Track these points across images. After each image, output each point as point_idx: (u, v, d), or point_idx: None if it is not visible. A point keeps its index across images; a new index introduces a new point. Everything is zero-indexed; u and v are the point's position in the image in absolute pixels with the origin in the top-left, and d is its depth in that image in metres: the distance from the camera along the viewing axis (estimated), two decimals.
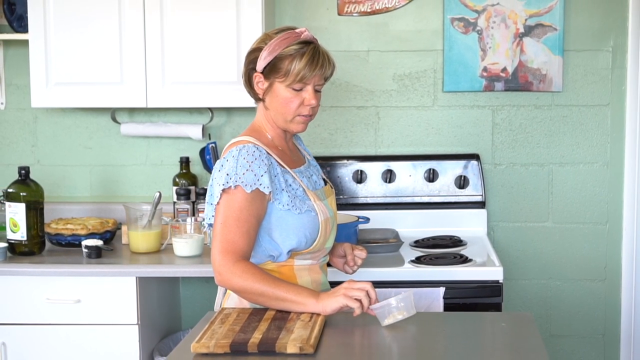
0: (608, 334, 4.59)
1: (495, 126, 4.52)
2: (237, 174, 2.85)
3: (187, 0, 4.13)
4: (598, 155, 4.50)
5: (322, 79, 2.98)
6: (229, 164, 2.88)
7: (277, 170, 2.92)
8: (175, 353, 2.61)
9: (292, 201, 2.92)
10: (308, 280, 2.99)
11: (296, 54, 2.91)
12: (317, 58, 2.93)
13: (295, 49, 2.91)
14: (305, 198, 2.96)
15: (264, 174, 2.86)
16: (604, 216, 4.54)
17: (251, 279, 2.81)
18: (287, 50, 2.91)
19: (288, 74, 2.91)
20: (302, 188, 2.97)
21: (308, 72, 2.91)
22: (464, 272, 3.80)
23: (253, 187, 2.84)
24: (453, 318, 3.07)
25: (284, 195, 2.91)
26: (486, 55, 4.44)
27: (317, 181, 3.11)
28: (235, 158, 2.88)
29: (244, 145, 2.90)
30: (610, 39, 4.45)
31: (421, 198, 4.47)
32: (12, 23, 4.46)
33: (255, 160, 2.87)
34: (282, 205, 2.90)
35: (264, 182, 2.85)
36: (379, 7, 4.48)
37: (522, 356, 2.57)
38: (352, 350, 2.64)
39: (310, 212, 2.94)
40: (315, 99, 2.95)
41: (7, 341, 3.91)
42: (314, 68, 2.92)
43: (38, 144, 4.68)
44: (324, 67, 2.95)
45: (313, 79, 2.94)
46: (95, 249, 3.97)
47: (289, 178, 2.95)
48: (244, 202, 2.85)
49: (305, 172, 3.07)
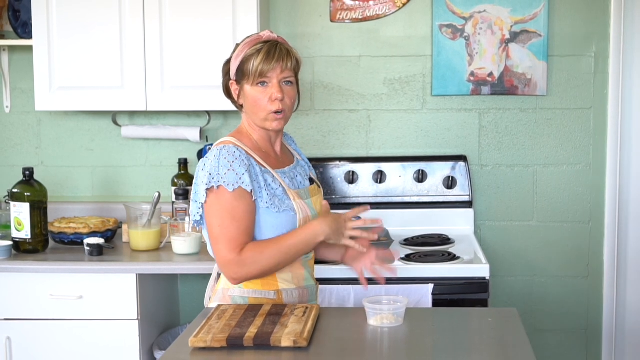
0: (590, 329, 4.60)
1: (482, 129, 4.52)
2: (219, 173, 2.86)
3: (186, 8, 4.13)
4: (581, 156, 4.51)
5: (289, 71, 2.97)
6: (211, 164, 2.89)
7: (256, 170, 2.92)
8: (174, 347, 2.61)
9: (271, 200, 2.92)
10: (289, 275, 2.99)
11: (255, 53, 2.94)
12: (274, 52, 2.94)
13: (256, 49, 2.95)
14: (284, 197, 2.95)
15: (244, 173, 2.87)
16: (586, 215, 4.55)
17: (259, 258, 2.86)
18: (248, 52, 2.96)
19: (250, 73, 2.95)
20: (283, 188, 2.97)
21: (265, 66, 2.92)
22: (451, 269, 3.81)
23: (235, 186, 2.85)
24: (441, 314, 3.08)
25: (263, 194, 2.91)
26: (473, 61, 4.45)
27: (302, 181, 3.10)
28: (216, 158, 2.89)
29: (225, 146, 2.92)
30: (593, 44, 4.46)
31: (411, 198, 4.48)
32: (17, 29, 4.46)
33: (235, 160, 2.88)
34: (263, 203, 2.91)
35: (245, 180, 2.86)
36: (370, 14, 4.49)
37: (508, 350, 2.58)
38: (344, 343, 2.64)
39: (288, 211, 2.94)
40: (281, 92, 2.95)
41: (12, 336, 3.91)
42: (270, 61, 2.93)
43: (42, 145, 4.68)
44: (282, 60, 2.95)
45: (274, 72, 2.94)
46: (97, 247, 3.98)
47: (269, 178, 2.95)
48: (234, 201, 2.86)
49: (290, 172, 3.06)
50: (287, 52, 2.98)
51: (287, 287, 2.98)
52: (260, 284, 2.96)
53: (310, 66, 4.52)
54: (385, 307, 2.75)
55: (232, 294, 2.97)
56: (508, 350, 2.58)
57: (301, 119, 4.54)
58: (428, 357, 2.58)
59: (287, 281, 2.98)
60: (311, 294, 3.07)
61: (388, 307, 2.75)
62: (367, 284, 3.08)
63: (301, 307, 2.81)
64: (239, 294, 2.97)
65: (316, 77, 4.54)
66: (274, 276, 2.96)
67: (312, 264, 3.13)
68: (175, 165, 4.54)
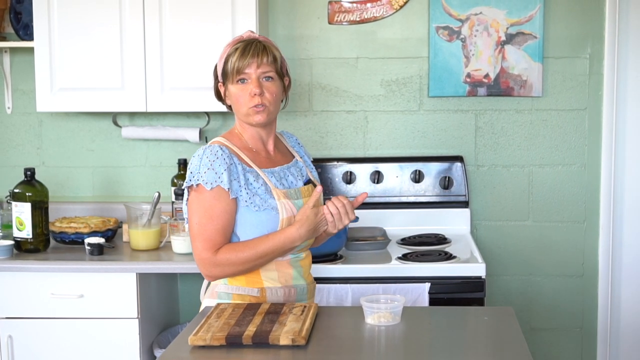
0: (585, 327, 4.59)
1: (478, 129, 4.52)
2: (199, 172, 2.89)
3: (185, 11, 4.13)
4: (576, 157, 4.51)
5: (266, 66, 2.97)
6: (193, 163, 2.93)
7: (238, 169, 2.93)
8: (173, 345, 2.61)
9: (251, 198, 2.92)
10: (275, 274, 2.99)
11: (233, 52, 2.99)
12: (249, 49, 2.97)
13: (234, 48, 2.99)
14: (267, 196, 2.95)
15: (223, 172, 2.88)
16: (581, 215, 4.54)
17: (234, 260, 2.89)
18: (229, 52, 3.00)
19: (229, 72, 2.98)
20: (267, 186, 2.96)
21: (241, 63, 2.95)
22: (448, 268, 3.80)
23: (214, 185, 2.87)
24: (438, 312, 3.07)
25: (243, 193, 2.92)
26: (469, 62, 4.44)
27: (294, 181, 3.08)
28: (199, 157, 2.92)
29: (209, 146, 2.95)
30: (588, 46, 4.45)
31: (407, 198, 4.47)
32: (18, 31, 4.46)
33: (217, 159, 2.89)
34: (243, 201, 2.92)
35: (223, 179, 2.88)
36: (367, 16, 4.48)
37: (503, 348, 2.58)
38: (342, 342, 2.63)
39: (270, 210, 2.93)
40: (258, 87, 2.95)
41: (13, 334, 3.90)
42: (245, 57, 2.95)
43: (43, 146, 4.67)
44: (257, 55, 2.96)
45: (250, 68, 2.96)
46: (98, 247, 3.97)
47: (251, 176, 2.95)
48: (212, 200, 2.88)
49: (280, 172, 3.06)
50: (264, 47, 2.99)
51: (272, 285, 2.99)
52: (244, 281, 2.97)
53: (309, 68, 4.52)
54: (383, 305, 2.74)
55: (218, 290, 3.00)
56: (504, 348, 2.58)
57: (299, 119, 4.54)
58: (425, 355, 2.57)
59: (272, 279, 2.99)
60: (300, 293, 3.06)
61: (385, 305, 2.74)
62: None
63: (299, 305, 2.80)
64: (224, 290, 2.99)
65: (314, 79, 4.53)
66: (258, 274, 2.97)
67: (305, 263, 3.10)
68: (175, 165, 4.54)
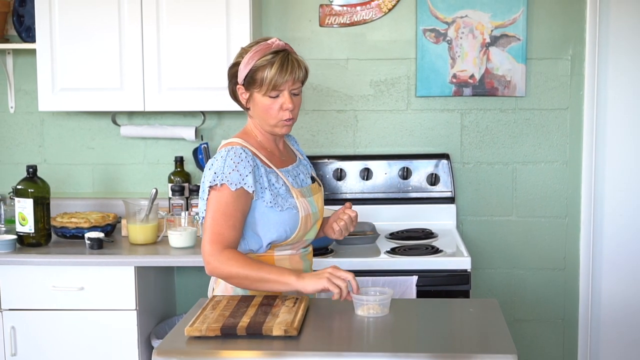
0: (567, 319, 4.61)
1: (463, 128, 4.53)
2: (223, 172, 2.86)
3: (182, 14, 4.13)
4: (558, 154, 4.52)
5: (297, 82, 2.95)
6: (217, 163, 2.89)
7: (261, 171, 2.92)
8: (170, 336, 2.61)
9: (275, 199, 2.91)
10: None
11: (267, 64, 2.89)
12: (287, 65, 2.91)
13: (267, 60, 2.90)
14: (287, 196, 2.95)
15: (248, 174, 2.86)
16: (563, 211, 4.56)
17: (235, 265, 2.82)
18: (259, 62, 2.90)
19: (262, 84, 2.90)
20: (286, 186, 2.97)
21: (280, 79, 2.89)
22: (435, 262, 3.82)
23: (238, 186, 2.85)
24: (425, 304, 3.07)
25: (266, 194, 2.90)
26: (455, 63, 4.45)
27: (304, 179, 3.10)
28: (223, 158, 2.89)
29: (232, 147, 2.91)
30: (569, 48, 4.47)
31: (396, 194, 4.48)
32: (21, 34, 4.46)
33: (241, 161, 2.87)
34: (266, 202, 2.90)
35: (248, 181, 2.86)
36: (357, 19, 4.49)
37: (488, 339, 2.59)
38: (332, 332, 2.65)
39: (291, 209, 2.93)
40: (292, 102, 2.93)
41: (16, 325, 3.91)
42: (284, 74, 2.90)
43: (45, 144, 4.67)
44: (295, 72, 2.92)
45: (286, 84, 2.91)
46: (97, 241, 3.98)
47: (273, 177, 2.95)
48: (230, 198, 2.85)
49: (293, 171, 3.06)
50: (299, 64, 2.95)
51: None
52: None
53: None
54: (372, 298, 2.75)
55: (234, 285, 2.95)
56: (488, 339, 2.59)
57: None
58: (412, 345, 2.58)
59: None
60: None
61: (374, 297, 2.75)
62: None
63: (291, 298, 2.81)
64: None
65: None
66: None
67: (310, 257, 3.14)
68: (172, 162, 4.55)
